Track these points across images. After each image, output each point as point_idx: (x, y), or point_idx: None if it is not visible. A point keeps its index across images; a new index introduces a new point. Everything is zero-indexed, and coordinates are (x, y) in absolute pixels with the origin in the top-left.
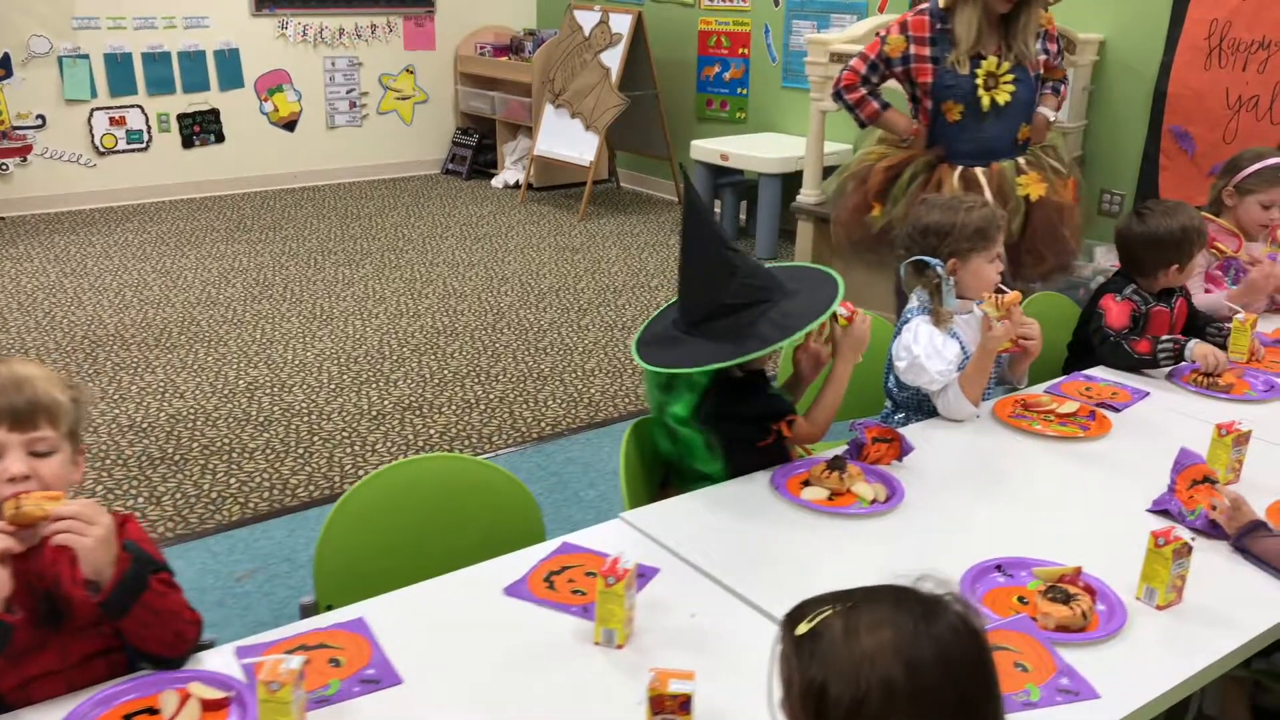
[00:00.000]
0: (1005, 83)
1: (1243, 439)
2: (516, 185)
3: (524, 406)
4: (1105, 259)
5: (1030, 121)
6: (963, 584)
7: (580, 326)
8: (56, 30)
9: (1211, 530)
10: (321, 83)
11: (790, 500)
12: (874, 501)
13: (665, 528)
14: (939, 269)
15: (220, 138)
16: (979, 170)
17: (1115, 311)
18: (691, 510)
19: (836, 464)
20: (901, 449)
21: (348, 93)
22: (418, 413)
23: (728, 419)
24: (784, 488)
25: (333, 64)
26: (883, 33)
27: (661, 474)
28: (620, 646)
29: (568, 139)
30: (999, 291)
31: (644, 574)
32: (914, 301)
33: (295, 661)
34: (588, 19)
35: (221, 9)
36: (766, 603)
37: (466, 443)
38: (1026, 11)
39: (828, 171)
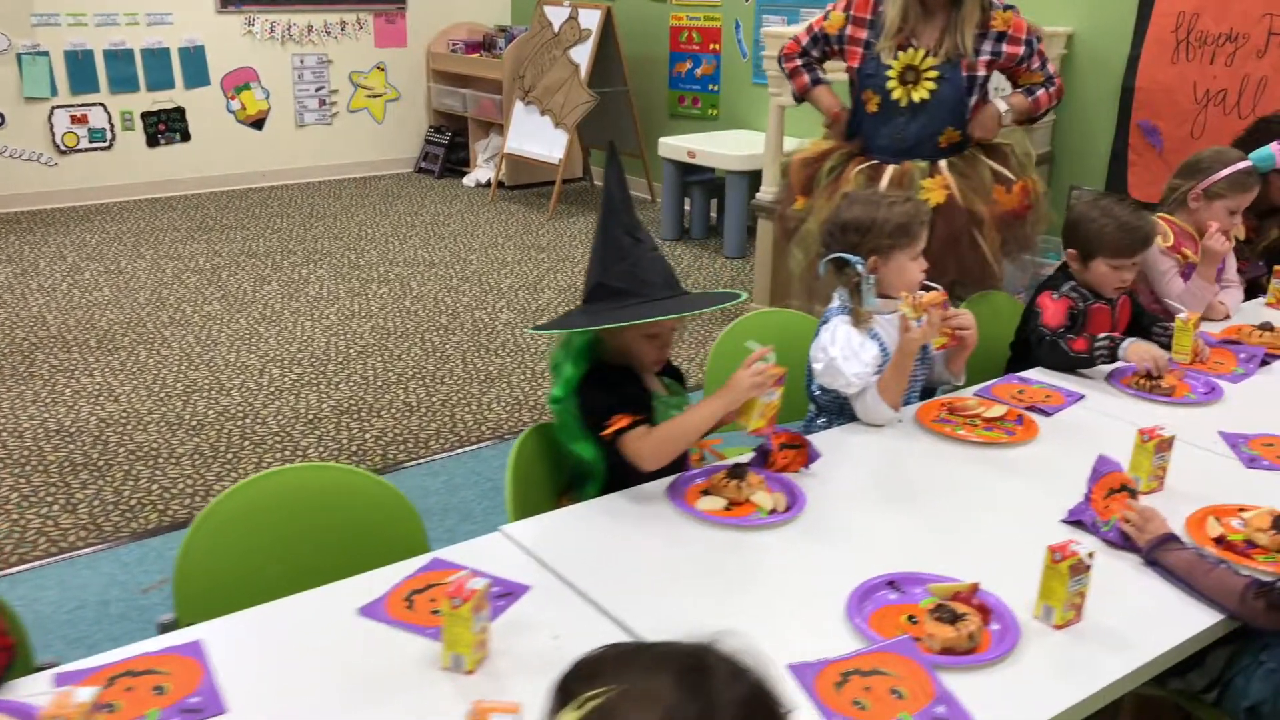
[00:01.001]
0: (927, 78)
1: (1165, 445)
2: (488, 184)
3: (466, 410)
4: None
5: (958, 125)
6: (850, 601)
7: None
8: (14, 27)
9: (1124, 543)
10: (290, 80)
11: (684, 511)
12: (773, 511)
13: (546, 541)
14: (859, 267)
15: (186, 136)
16: (890, 167)
17: (1052, 309)
18: (578, 521)
19: (737, 472)
20: (808, 456)
21: (317, 90)
22: (355, 416)
23: (585, 406)
24: (680, 497)
25: (301, 61)
26: (830, 6)
27: (565, 481)
28: (470, 672)
29: (538, 136)
30: (925, 288)
31: (511, 592)
32: (835, 301)
33: (86, 694)
34: (557, 15)
35: (185, 6)
36: (639, 625)
37: (401, 447)
38: (965, 4)
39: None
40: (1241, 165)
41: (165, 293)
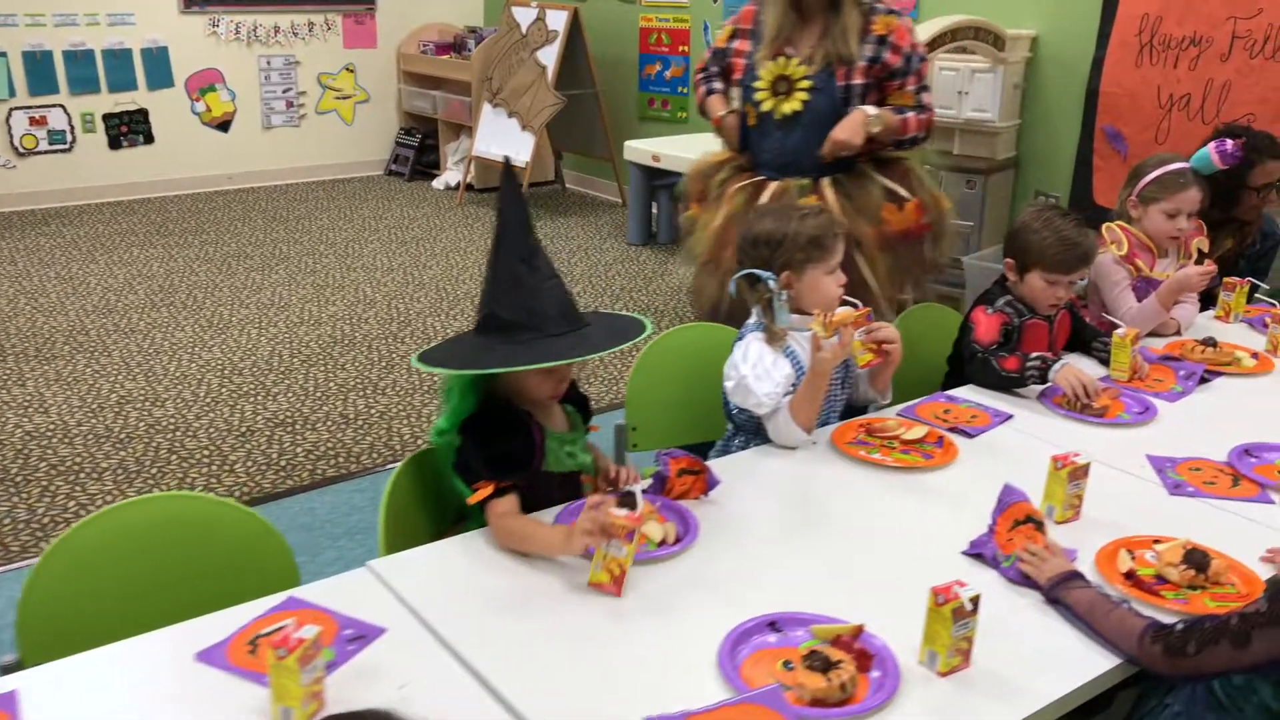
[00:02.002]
0: (800, 89)
1: (1080, 472)
2: (458, 186)
3: (404, 423)
4: None
5: None
6: (724, 645)
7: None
8: None
9: (1025, 580)
10: (256, 82)
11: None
12: (662, 543)
13: (414, 578)
14: (771, 282)
15: (149, 138)
16: (772, 184)
17: (985, 325)
18: (452, 557)
19: (626, 501)
20: (707, 482)
21: (284, 92)
22: (289, 429)
23: (461, 453)
24: (566, 515)
25: (268, 63)
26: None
27: (455, 511)
28: None
29: (506, 139)
30: (847, 304)
31: (365, 635)
32: (753, 317)
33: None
34: (525, 16)
35: (148, 6)
36: (495, 676)
37: (332, 462)
38: (843, 9)
39: None
40: (1172, 166)
41: (114, 299)
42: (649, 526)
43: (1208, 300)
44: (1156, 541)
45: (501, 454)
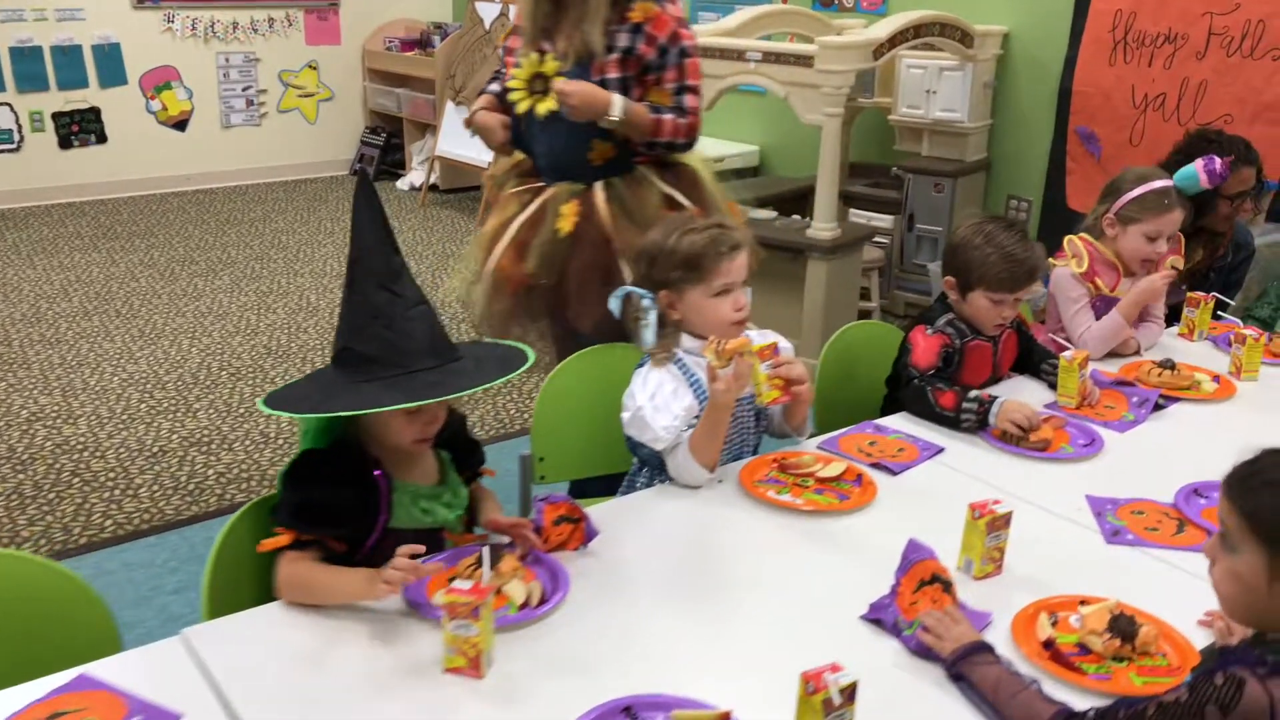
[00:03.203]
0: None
1: (1000, 522)
2: (422, 187)
3: None
4: None
5: (608, 135)
6: None
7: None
8: None
9: (926, 651)
10: (215, 80)
11: (416, 607)
12: (524, 606)
13: (232, 649)
14: (645, 301)
15: (102, 138)
16: (548, 190)
17: (923, 347)
18: (279, 623)
19: (491, 556)
20: (585, 533)
21: (244, 90)
22: (204, 449)
23: (280, 494)
24: (418, 589)
25: (227, 60)
26: None
27: None
28: None
29: (468, 139)
30: (740, 328)
31: None
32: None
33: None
34: (488, 11)
35: (98, 1)
36: None
37: (243, 486)
38: None
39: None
40: (1155, 185)
41: (45, 307)
42: (512, 586)
43: (1176, 317)
44: (1083, 603)
45: (317, 503)
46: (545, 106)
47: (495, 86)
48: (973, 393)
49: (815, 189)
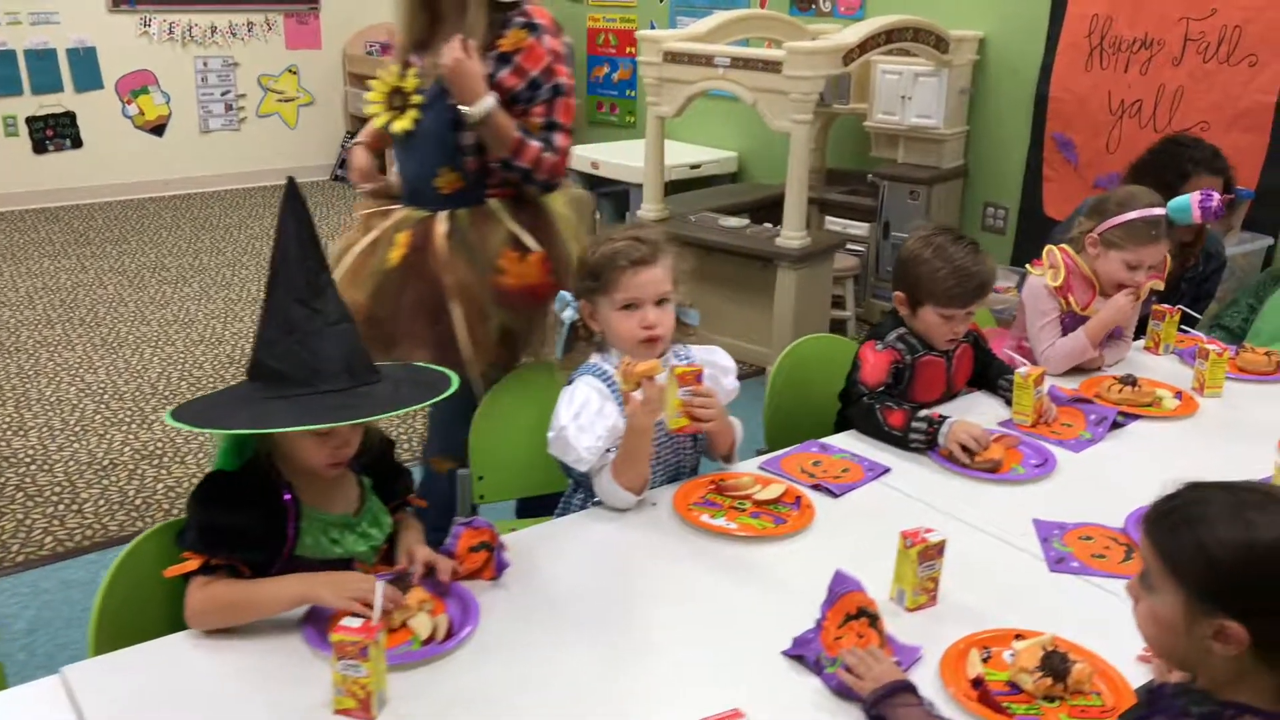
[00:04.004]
0: (412, 105)
1: (933, 551)
2: None
3: None
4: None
5: (456, 167)
6: None
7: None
8: None
9: (847, 690)
10: (193, 84)
11: (310, 645)
12: (429, 641)
13: (116, 686)
14: (567, 310)
15: (78, 142)
16: (393, 215)
17: (872, 364)
18: (165, 661)
19: (400, 584)
20: (496, 565)
21: (223, 95)
22: (155, 463)
23: (186, 518)
24: (317, 628)
25: (205, 64)
26: None
27: None
28: None
29: None
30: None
31: None
32: (595, 357)
33: None
34: None
35: (73, 5)
36: None
37: None
38: (468, 12)
39: (683, 185)
40: (1145, 212)
41: (8, 315)
42: (418, 619)
43: (1144, 329)
44: (1018, 636)
45: (224, 526)
46: (400, 125)
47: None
48: (922, 412)
49: None
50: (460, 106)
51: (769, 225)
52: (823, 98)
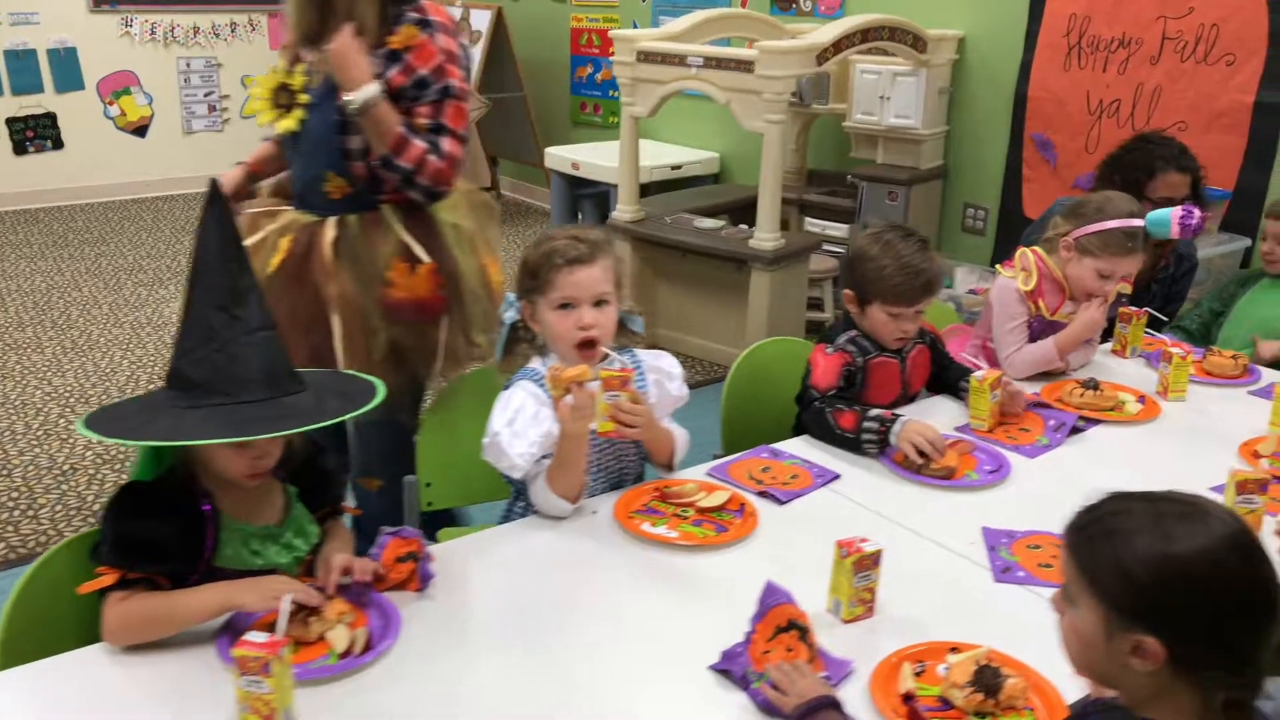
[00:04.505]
0: (299, 104)
1: (869, 561)
2: None
3: None
4: (966, 281)
5: (342, 172)
6: None
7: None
8: None
9: (772, 707)
10: (175, 85)
11: (223, 660)
12: (347, 654)
13: (19, 702)
14: (509, 312)
15: (59, 144)
16: (281, 217)
17: (823, 367)
18: (78, 674)
19: (320, 596)
20: (420, 576)
21: (206, 96)
22: (117, 466)
23: (101, 531)
24: (225, 640)
25: (188, 65)
26: None
27: None
28: None
29: None
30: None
31: None
32: (536, 361)
33: None
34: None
35: (54, 5)
36: None
37: None
38: (357, 6)
39: (665, 186)
40: (1124, 223)
41: None
42: (336, 632)
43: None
44: (954, 649)
45: (141, 539)
46: (285, 125)
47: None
48: (873, 411)
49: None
50: (343, 95)
51: (744, 226)
52: (802, 98)
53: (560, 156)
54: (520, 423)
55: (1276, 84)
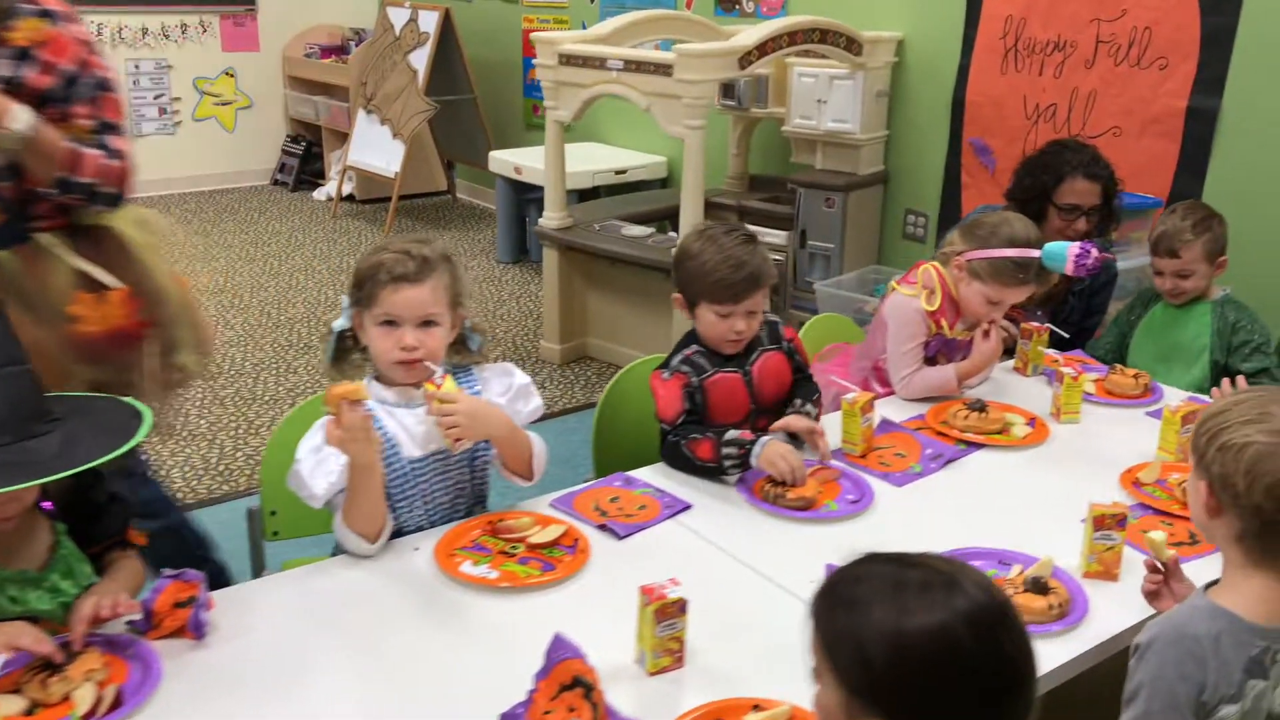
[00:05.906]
0: None
1: (674, 609)
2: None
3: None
4: None
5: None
6: None
7: (289, 369)
8: None
9: None
10: (124, 87)
11: None
12: (91, 714)
13: None
14: (344, 314)
15: None
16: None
17: (664, 396)
18: None
19: (66, 652)
20: (195, 623)
21: (156, 98)
22: None
23: None
24: None
25: (136, 66)
26: None
27: None
28: None
29: (379, 148)
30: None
31: None
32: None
33: None
34: (399, 16)
35: None
36: None
37: None
38: None
39: (613, 190)
40: (1021, 252)
41: None
42: (81, 691)
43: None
44: (757, 707)
45: None
46: None
47: None
48: (729, 434)
49: (712, 203)
50: None
51: (672, 234)
52: (740, 101)
53: (504, 160)
54: (326, 450)
55: (1209, 89)
